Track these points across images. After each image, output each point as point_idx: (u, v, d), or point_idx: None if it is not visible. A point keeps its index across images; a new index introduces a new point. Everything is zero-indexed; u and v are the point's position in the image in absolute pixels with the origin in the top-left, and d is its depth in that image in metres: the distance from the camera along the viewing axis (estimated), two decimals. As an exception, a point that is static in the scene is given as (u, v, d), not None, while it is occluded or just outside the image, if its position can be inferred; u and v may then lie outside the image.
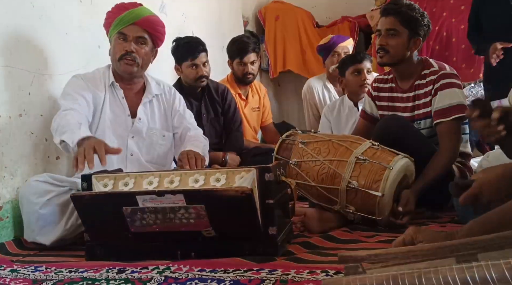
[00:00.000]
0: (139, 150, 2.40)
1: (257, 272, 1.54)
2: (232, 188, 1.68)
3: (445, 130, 2.33)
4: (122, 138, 2.37)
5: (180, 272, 1.58)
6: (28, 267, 1.76)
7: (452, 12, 4.30)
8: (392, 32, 2.42)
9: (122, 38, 2.34)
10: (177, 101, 2.57)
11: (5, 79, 2.27)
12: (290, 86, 5.48)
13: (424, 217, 2.29)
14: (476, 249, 1.00)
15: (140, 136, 2.41)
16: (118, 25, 2.33)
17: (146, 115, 2.44)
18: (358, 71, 3.24)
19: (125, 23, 2.32)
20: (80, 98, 2.26)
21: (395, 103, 2.56)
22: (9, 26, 2.30)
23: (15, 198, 2.24)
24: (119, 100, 2.40)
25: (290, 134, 2.33)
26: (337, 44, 3.76)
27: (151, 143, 2.44)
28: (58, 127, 2.12)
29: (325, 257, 1.67)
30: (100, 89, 2.36)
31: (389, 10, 2.45)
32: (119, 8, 2.37)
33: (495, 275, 0.77)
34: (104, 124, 2.34)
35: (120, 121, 2.38)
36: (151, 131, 2.44)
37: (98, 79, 2.38)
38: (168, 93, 2.56)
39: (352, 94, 3.35)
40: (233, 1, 4.85)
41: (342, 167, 2.09)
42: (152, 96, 2.47)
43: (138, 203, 1.70)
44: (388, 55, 2.44)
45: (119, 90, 2.40)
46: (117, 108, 2.39)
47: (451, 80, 2.37)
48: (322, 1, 5.38)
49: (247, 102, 3.77)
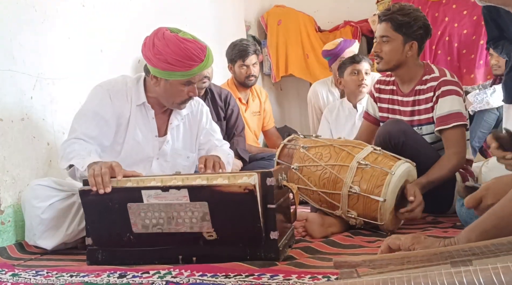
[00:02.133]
0: (162, 172, 2.25)
1: (259, 277, 1.54)
2: (235, 184, 1.69)
3: (451, 136, 2.33)
4: (148, 159, 2.26)
5: (181, 277, 1.58)
6: (30, 271, 1.76)
7: (454, 17, 4.31)
8: (385, 38, 2.44)
9: (187, 84, 2.13)
10: (205, 118, 2.41)
11: (8, 83, 2.27)
12: (292, 90, 5.49)
13: (425, 222, 2.28)
14: (471, 255, 1.00)
15: (164, 158, 2.29)
16: (184, 75, 2.09)
17: (172, 136, 2.30)
18: (356, 71, 3.33)
19: (194, 74, 2.10)
20: (96, 123, 2.12)
21: (394, 106, 2.56)
22: (12, 30, 2.30)
23: (17, 202, 2.24)
24: (149, 120, 2.23)
25: (291, 139, 2.33)
26: (344, 49, 3.78)
27: (174, 164, 2.31)
28: (64, 154, 2.04)
29: (327, 262, 1.66)
30: (127, 107, 2.19)
31: (382, 16, 2.46)
32: (184, 57, 2.04)
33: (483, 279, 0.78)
34: (130, 144, 2.21)
35: (147, 142, 2.24)
36: (176, 153, 2.32)
37: (125, 92, 2.20)
38: (195, 110, 2.38)
39: (351, 95, 3.44)
40: (235, 6, 4.86)
41: (344, 172, 2.09)
42: (181, 119, 2.32)
43: (143, 198, 1.72)
44: (383, 61, 2.46)
45: (149, 110, 2.22)
46: (144, 127, 2.23)
47: (451, 87, 2.37)
48: (325, 5, 5.40)
49: (248, 106, 3.77)
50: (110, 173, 1.80)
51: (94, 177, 1.78)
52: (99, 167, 1.81)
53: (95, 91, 2.20)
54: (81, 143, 2.07)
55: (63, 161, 2.04)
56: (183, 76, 2.09)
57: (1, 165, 2.21)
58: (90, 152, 2.03)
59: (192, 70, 2.07)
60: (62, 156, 2.06)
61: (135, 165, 2.20)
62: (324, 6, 5.40)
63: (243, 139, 3.40)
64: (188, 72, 2.08)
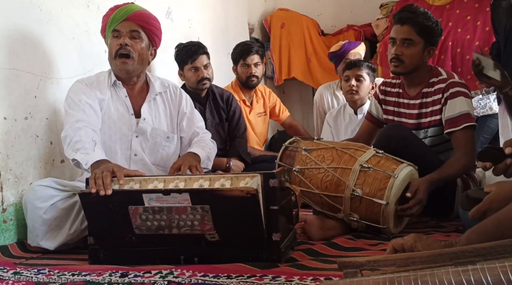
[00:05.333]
0: (142, 150, 2.35)
1: (260, 278, 1.53)
2: (237, 188, 1.68)
3: (461, 138, 2.33)
4: (126, 138, 2.33)
5: (183, 277, 1.58)
6: (31, 270, 1.76)
7: (458, 22, 4.30)
8: (409, 42, 2.39)
9: (116, 36, 2.29)
10: (184, 102, 2.51)
11: (12, 82, 2.28)
12: (295, 93, 5.49)
13: (428, 226, 2.28)
14: (475, 256, 1.00)
15: (144, 137, 2.36)
16: (111, 25, 2.29)
17: (150, 115, 2.38)
18: (347, 77, 3.29)
19: (118, 20, 2.28)
20: (87, 108, 2.22)
21: (400, 109, 2.56)
22: (16, 29, 2.31)
23: (19, 201, 2.24)
24: (122, 99, 2.34)
25: (293, 141, 2.32)
26: (348, 51, 3.76)
27: (154, 144, 2.38)
28: (71, 142, 2.09)
29: (329, 264, 1.66)
30: (104, 92, 2.31)
31: (406, 19, 2.39)
32: (112, 9, 2.35)
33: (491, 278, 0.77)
34: (107, 123, 2.30)
35: (124, 120, 2.33)
36: (155, 132, 2.39)
37: (102, 81, 2.34)
38: (174, 93, 2.49)
39: (348, 101, 3.39)
40: (239, 8, 4.87)
41: (346, 175, 2.09)
42: (155, 95, 2.41)
43: (144, 201, 1.71)
44: (403, 65, 2.41)
45: (121, 89, 2.35)
46: (120, 106, 2.34)
47: (460, 89, 2.37)
48: (328, 9, 5.40)
49: (252, 108, 3.77)
50: (112, 176, 1.82)
51: (95, 179, 1.79)
52: (100, 170, 1.84)
53: (73, 86, 2.33)
54: (86, 129, 2.13)
55: (69, 150, 2.10)
56: (111, 26, 2.29)
57: (4, 163, 2.21)
58: (95, 144, 2.08)
59: (114, 14, 2.28)
60: (69, 143, 2.10)
61: (114, 143, 2.29)
62: (328, 10, 5.40)
63: (245, 141, 3.40)
64: (112, 18, 2.28)
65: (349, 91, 3.28)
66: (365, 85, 3.28)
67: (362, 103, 3.33)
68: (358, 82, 3.26)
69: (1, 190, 2.19)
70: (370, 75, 3.30)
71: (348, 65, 3.32)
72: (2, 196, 2.19)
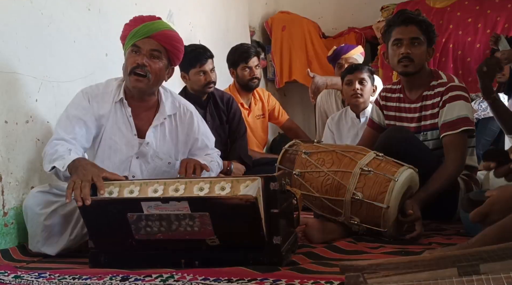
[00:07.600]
0: (141, 173, 2.27)
1: (261, 282, 1.53)
2: (237, 196, 1.68)
3: (451, 142, 2.32)
4: (126, 158, 2.26)
5: (183, 281, 1.57)
6: (32, 274, 1.76)
7: (459, 25, 4.30)
8: (417, 41, 2.40)
9: (135, 51, 2.18)
10: (196, 126, 2.39)
11: (13, 86, 2.28)
12: (296, 96, 5.49)
13: (430, 229, 2.27)
14: (478, 259, 0.99)
15: (145, 159, 2.28)
16: (132, 38, 2.18)
17: (155, 139, 2.29)
18: (349, 81, 3.27)
19: (140, 36, 2.17)
20: (79, 125, 2.16)
21: (401, 114, 2.55)
22: (17, 33, 2.32)
23: (20, 205, 2.24)
24: (126, 118, 2.25)
25: (292, 145, 2.32)
26: (340, 55, 3.77)
27: (154, 167, 2.30)
28: (46, 155, 2.05)
29: (330, 268, 1.66)
30: (106, 107, 2.22)
31: (410, 19, 2.41)
32: (136, 21, 2.22)
33: None
34: (107, 142, 2.23)
35: (126, 140, 2.25)
36: (157, 156, 2.30)
37: (108, 93, 2.24)
38: (184, 115, 2.37)
39: (350, 105, 3.38)
40: (240, 11, 4.88)
41: (347, 178, 2.08)
42: (163, 118, 2.30)
43: (143, 209, 1.70)
44: (413, 64, 2.41)
45: (127, 108, 2.24)
46: (123, 126, 2.25)
47: (459, 92, 2.37)
48: (329, 12, 5.41)
49: (250, 110, 3.77)
50: (90, 186, 1.80)
51: (73, 189, 1.78)
52: (79, 180, 1.81)
53: (75, 96, 2.26)
54: (63, 143, 2.08)
55: (46, 164, 2.05)
56: (131, 39, 2.18)
57: (5, 167, 2.21)
58: (70, 151, 2.03)
59: (138, 28, 2.17)
60: (45, 158, 2.07)
61: (112, 163, 2.22)
62: (329, 12, 5.41)
63: (245, 143, 3.40)
64: (135, 32, 2.17)
65: (353, 95, 3.24)
66: (367, 88, 3.27)
67: (365, 106, 3.30)
68: (361, 85, 3.25)
69: (2, 193, 2.19)
70: (370, 78, 3.30)
71: (349, 69, 3.31)
72: (3, 199, 2.19)
